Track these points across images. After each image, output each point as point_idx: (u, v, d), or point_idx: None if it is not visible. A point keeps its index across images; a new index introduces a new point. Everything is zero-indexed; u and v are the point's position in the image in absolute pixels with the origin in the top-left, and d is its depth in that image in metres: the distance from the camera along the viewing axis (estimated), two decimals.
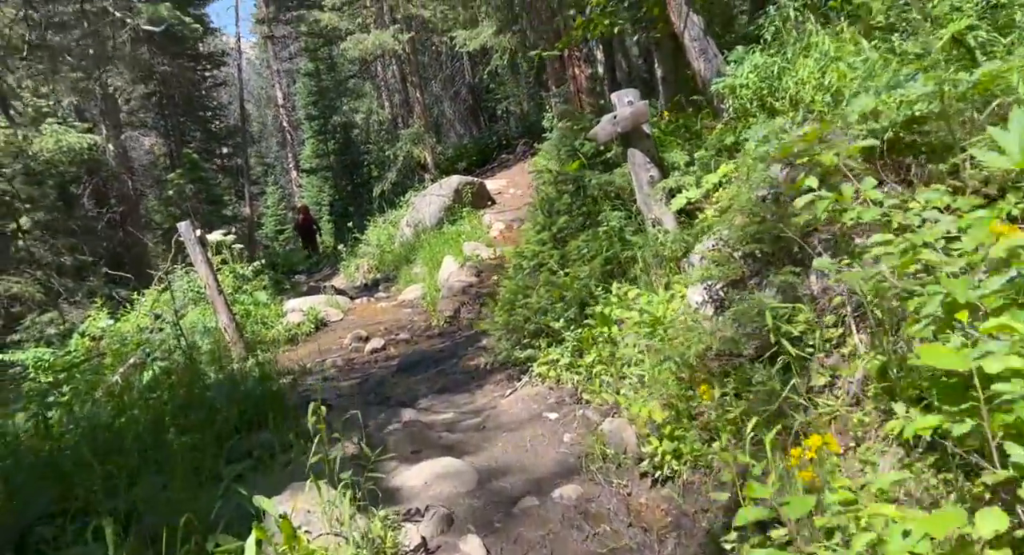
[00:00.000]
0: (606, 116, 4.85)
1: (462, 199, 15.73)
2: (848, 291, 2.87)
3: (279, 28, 24.85)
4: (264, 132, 48.17)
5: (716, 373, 2.94)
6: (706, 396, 2.63)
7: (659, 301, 3.67)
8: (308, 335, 9.69)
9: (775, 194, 3.24)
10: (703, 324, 3.34)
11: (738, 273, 3.22)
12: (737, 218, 3.23)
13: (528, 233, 5.41)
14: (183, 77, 17.74)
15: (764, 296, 3.10)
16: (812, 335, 2.84)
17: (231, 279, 9.79)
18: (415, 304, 11.48)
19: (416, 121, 19.70)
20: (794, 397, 2.74)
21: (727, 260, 3.31)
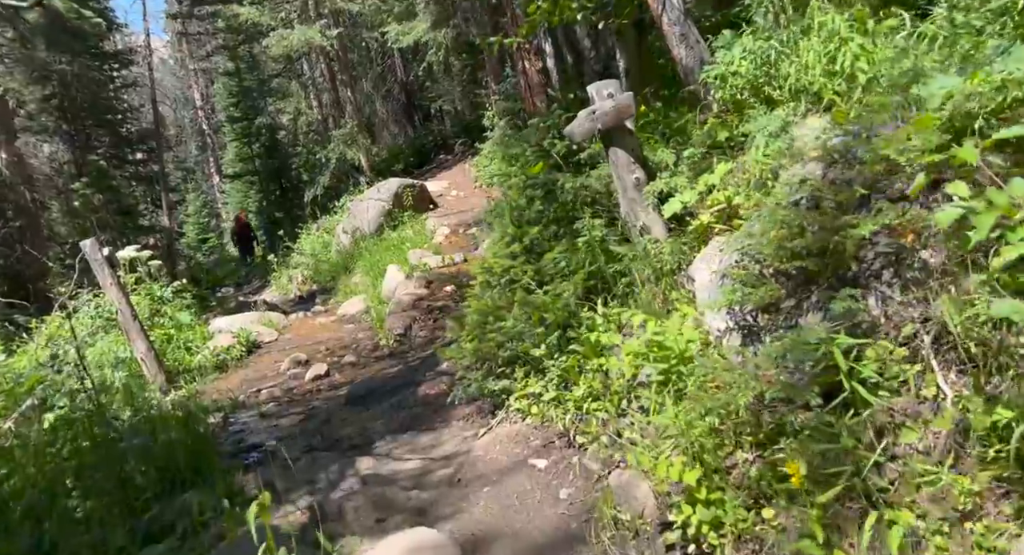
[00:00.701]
0: (583, 111, 4.23)
1: (402, 203, 14.91)
2: (921, 318, 2.34)
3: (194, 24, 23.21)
4: (182, 135, 45.58)
5: (767, 426, 2.37)
6: (795, 478, 2.04)
7: (674, 330, 3.07)
8: (239, 360, 8.72)
9: (814, 198, 2.69)
10: (732, 358, 2.76)
11: (775, 295, 2.65)
12: (767, 229, 2.66)
13: (496, 246, 4.75)
14: (86, 78, 16.14)
15: (811, 324, 2.54)
16: (884, 374, 2.29)
17: (147, 301, 8.69)
18: (358, 319, 10.63)
19: (348, 121, 18.68)
20: (869, 455, 2.19)
21: (757, 280, 2.74)
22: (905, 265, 2.40)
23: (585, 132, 4.26)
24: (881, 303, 2.43)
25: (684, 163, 4.19)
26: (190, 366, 8.41)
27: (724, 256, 3.03)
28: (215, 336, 9.59)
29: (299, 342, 9.46)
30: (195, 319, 10.29)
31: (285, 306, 13.91)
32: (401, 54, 24.08)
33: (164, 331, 8.77)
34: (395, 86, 25.25)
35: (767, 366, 2.55)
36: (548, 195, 5.10)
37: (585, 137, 4.32)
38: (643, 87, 6.23)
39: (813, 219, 2.55)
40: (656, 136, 4.94)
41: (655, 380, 3.01)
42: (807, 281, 2.67)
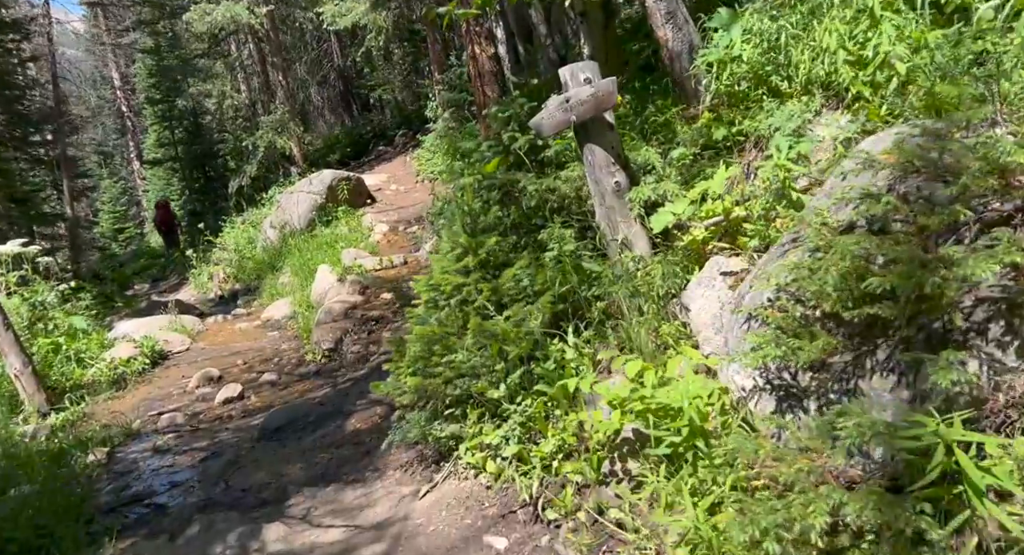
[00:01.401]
0: (554, 99, 3.48)
1: (337, 197, 13.84)
2: None
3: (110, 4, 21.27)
4: (100, 116, 42.44)
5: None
6: None
7: (680, 387, 2.34)
8: (141, 374, 7.58)
9: (879, 220, 2.01)
10: (765, 430, 2.06)
11: (829, 349, 1.96)
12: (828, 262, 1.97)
13: (444, 258, 3.94)
14: None
15: (879, 390, 1.86)
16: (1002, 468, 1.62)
17: (26, 308, 7.43)
18: (283, 325, 9.61)
19: (279, 107, 17.36)
20: None
21: (801, 326, 2.04)
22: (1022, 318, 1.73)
23: (556, 124, 3.50)
24: (988, 370, 1.76)
25: (673, 166, 3.49)
26: (80, 382, 7.23)
27: (751, 290, 2.32)
28: (115, 344, 8.39)
29: (214, 353, 8.38)
30: (93, 324, 9.03)
31: (203, 307, 12.66)
32: (338, 38, 22.77)
33: (51, 340, 7.53)
34: (331, 72, 23.89)
35: (818, 446, 1.86)
36: (506, 198, 4.32)
37: (555, 130, 3.57)
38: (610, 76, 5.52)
39: (889, 249, 1.86)
40: (632, 133, 4.22)
41: (658, 452, 2.27)
42: (871, 332, 1.98)
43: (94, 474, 4.73)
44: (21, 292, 7.77)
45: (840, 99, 3.12)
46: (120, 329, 9.53)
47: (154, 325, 9.66)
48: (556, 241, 3.64)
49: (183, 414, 6.04)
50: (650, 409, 2.34)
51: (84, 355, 7.68)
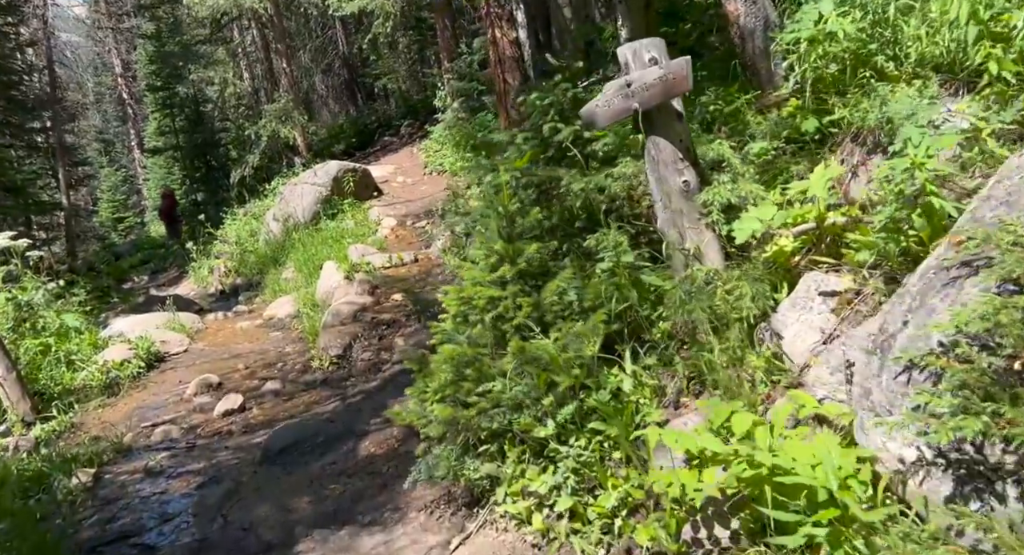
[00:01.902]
0: (612, 85, 2.94)
1: (343, 189, 13.30)
2: None
3: None
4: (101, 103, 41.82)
5: None
6: None
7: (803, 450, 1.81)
8: (135, 379, 7.08)
9: None
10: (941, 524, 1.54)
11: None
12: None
13: (475, 268, 3.41)
14: None
15: None
16: None
17: (12, 308, 6.91)
18: (287, 324, 9.11)
19: (283, 95, 16.80)
20: None
21: (994, 383, 1.52)
22: None
23: (614, 114, 2.97)
24: None
25: (751, 163, 2.96)
26: (70, 387, 6.73)
27: (905, 328, 1.79)
28: (109, 344, 7.89)
29: (213, 355, 7.88)
30: (86, 322, 8.53)
31: (203, 302, 12.18)
32: (344, 25, 22.16)
33: (40, 341, 7.03)
34: (336, 60, 23.28)
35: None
36: (543, 198, 3.80)
37: (612, 121, 3.04)
38: None
39: None
40: (691, 124, 3.69)
41: (786, 542, 1.75)
42: None
43: (78, 500, 4.24)
44: (7, 289, 7.26)
45: (964, 83, 2.59)
46: (115, 327, 9.03)
47: (151, 323, 9.16)
48: (610, 249, 3.11)
49: (179, 427, 5.54)
50: (765, 478, 1.82)
51: (75, 357, 7.18)
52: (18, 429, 5.76)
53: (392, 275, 8.77)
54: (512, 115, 7.01)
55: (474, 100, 14.85)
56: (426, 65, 25.77)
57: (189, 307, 11.72)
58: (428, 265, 9.02)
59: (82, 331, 7.98)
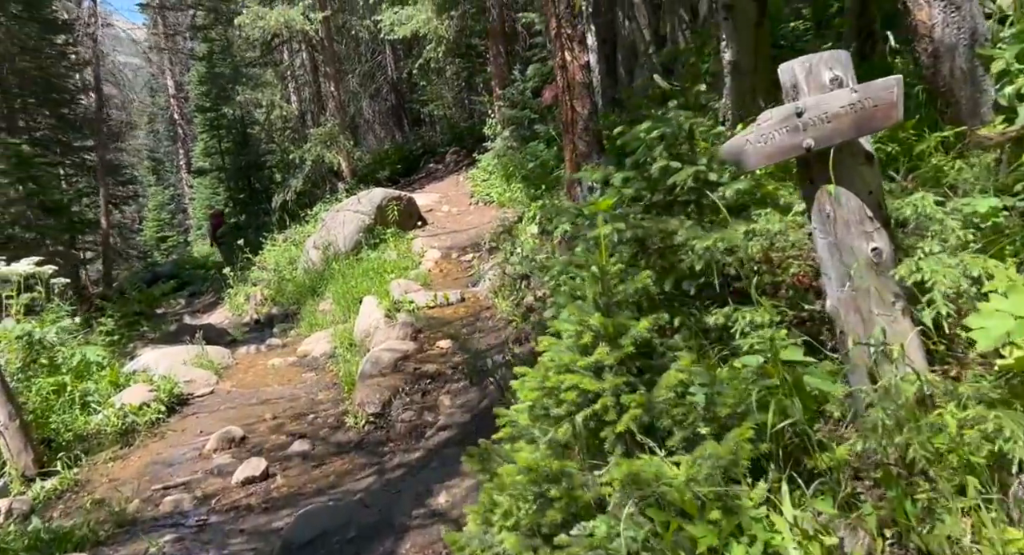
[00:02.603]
0: (774, 113, 2.15)
1: (386, 218, 12.72)
2: None
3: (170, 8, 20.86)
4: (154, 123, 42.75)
5: None
6: None
7: None
8: (154, 425, 6.43)
9: None
10: None
11: None
12: None
13: (560, 344, 2.61)
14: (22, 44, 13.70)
15: None
16: None
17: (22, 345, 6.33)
18: (321, 364, 8.43)
19: (329, 119, 16.45)
20: None
21: None
22: None
23: (774, 153, 2.16)
24: None
25: (972, 226, 2.11)
26: (84, 432, 6.10)
27: None
28: (131, 382, 7.28)
29: (240, 399, 7.21)
30: (109, 356, 7.98)
31: (236, 332, 11.64)
32: (393, 49, 21.94)
33: (54, 380, 6.44)
34: (384, 85, 23.05)
35: None
36: (644, 254, 3.00)
37: (769, 162, 2.23)
38: (767, 88, 4.19)
39: None
40: None
41: None
42: None
43: None
44: (26, 322, 6.72)
45: None
46: (141, 360, 8.47)
47: (178, 357, 8.57)
48: (760, 338, 2.27)
49: (192, 495, 4.82)
50: None
51: (92, 398, 6.57)
52: (16, 486, 5.11)
53: (437, 316, 8.02)
54: (579, 147, 6.24)
55: (526, 129, 14.23)
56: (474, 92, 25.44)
57: (221, 338, 11.19)
58: (476, 306, 8.26)
59: (104, 366, 7.41)
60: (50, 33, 15.34)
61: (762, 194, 2.83)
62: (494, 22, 14.13)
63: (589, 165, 6.40)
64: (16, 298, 7.32)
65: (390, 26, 14.44)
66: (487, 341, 6.63)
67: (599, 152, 6.37)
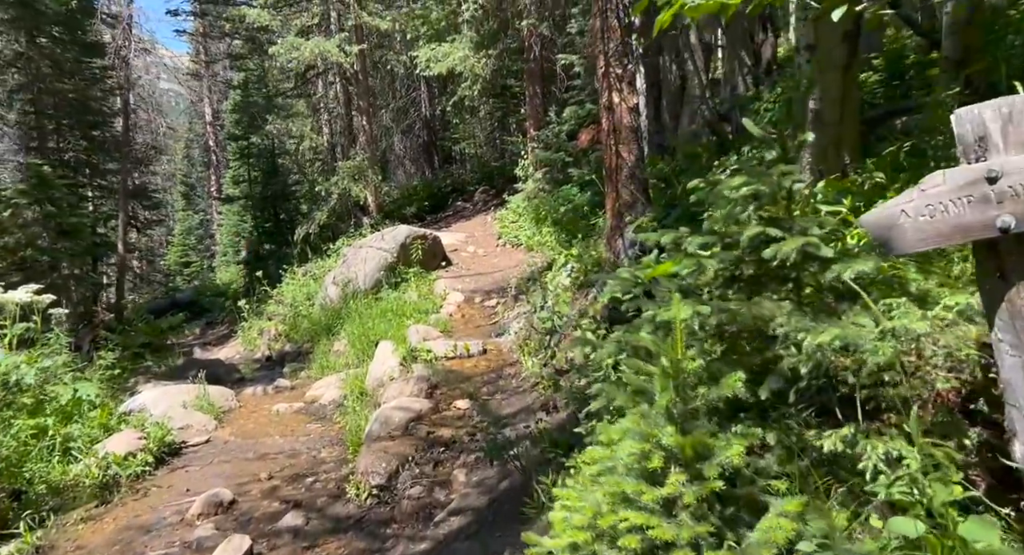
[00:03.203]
0: (950, 175, 1.52)
1: (409, 256, 12.22)
2: None
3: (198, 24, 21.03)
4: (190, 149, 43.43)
5: None
6: None
7: None
8: (139, 479, 5.82)
9: None
10: None
11: None
12: None
13: (613, 463, 1.97)
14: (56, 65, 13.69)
15: None
16: None
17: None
18: (327, 414, 7.82)
19: (359, 153, 16.17)
20: None
21: None
22: None
23: (947, 231, 1.53)
24: None
25: None
26: (59, 484, 5.51)
27: None
28: (122, 425, 6.72)
29: (237, 451, 6.59)
30: (105, 392, 7.46)
31: (247, 369, 11.10)
32: (428, 86, 21.85)
33: (35, 422, 5.89)
34: (417, 121, 22.92)
35: None
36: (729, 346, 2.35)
37: (937, 244, 1.59)
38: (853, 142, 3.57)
39: None
40: None
41: None
42: None
43: None
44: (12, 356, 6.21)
45: None
46: (139, 399, 7.94)
47: (178, 397, 8.03)
48: (906, 484, 1.60)
49: None
50: None
51: (75, 444, 6.00)
52: None
53: (456, 370, 7.39)
54: (623, 196, 5.65)
55: (559, 171, 13.78)
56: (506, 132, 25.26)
57: (229, 375, 10.66)
58: (499, 361, 7.61)
59: (96, 405, 6.87)
60: (88, 56, 15.37)
61: (885, 276, 2.20)
62: (532, 63, 13.81)
63: (633, 216, 5.81)
64: (10, 328, 6.84)
65: (426, 62, 14.21)
66: (510, 404, 5.96)
67: (645, 203, 5.78)
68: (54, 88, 15.27)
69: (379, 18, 14.02)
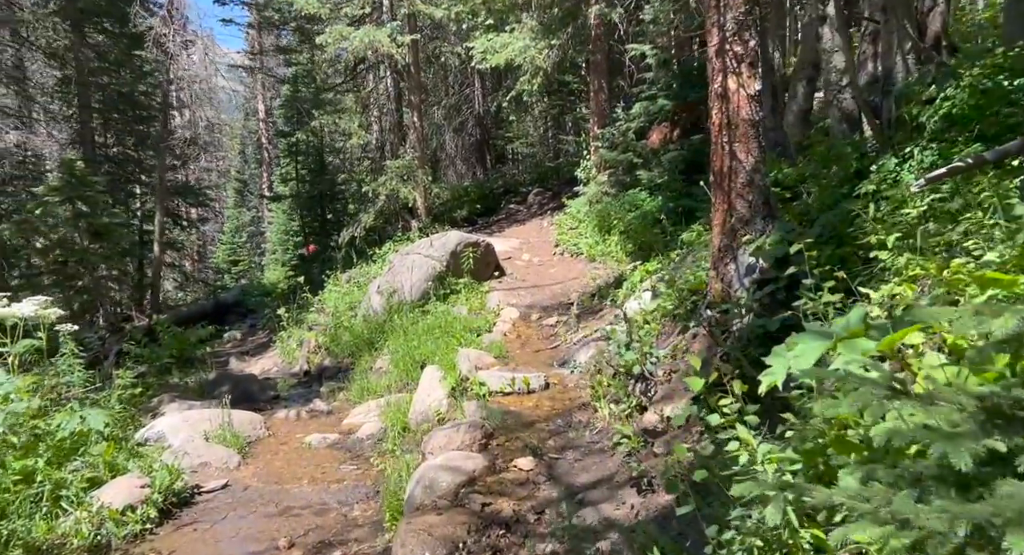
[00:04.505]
0: None
1: (460, 266, 11.16)
2: None
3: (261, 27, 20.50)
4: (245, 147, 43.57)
5: None
6: None
7: None
8: (137, 539, 4.86)
9: None
10: None
11: None
12: None
13: None
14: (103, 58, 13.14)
15: None
16: None
17: None
18: (364, 451, 6.80)
19: (409, 151, 15.21)
20: None
21: None
22: None
23: None
24: None
25: None
26: (40, 549, 4.58)
27: None
28: (132, 462, 5.80)
29: (257, 502, 5.57)
30: (118, 419, 6.58)
31: (283, 385, 10.22)
32: (482, 81, 20.79)
33: (21, 465, 4.99)
34: (470, 119, 21.89)
35: None
36: None
37: None
38: None
39: None
40: None
41: None
42: None
43: None
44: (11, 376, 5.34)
45: None
46: (157, 427, 7.06)
47: (201, 424, 7.12)
48: None
49: None
50: None
51: (67, 492, 5.07)
52: None
53: (514, 411, 6.23)
54: (738, 207, 4.39)
55: (626, 174, 12.50)
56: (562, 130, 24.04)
57: (263, 393, 9.78)
58: (564, 400, 6.42)
59: (105, 437, 5.97)
60: (136, 49, 14.82)
61: None
62: (598, 54, 12.56)
63: (751, 234, 4.54)
64: (12, 346, 6.01)
65: (482, 54, 13.11)
66: (586, 469, 4.77)
67: (767, 217, 4.51)
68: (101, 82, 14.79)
69: (433, 6, 13.01)
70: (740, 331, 4.23)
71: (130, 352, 9.05)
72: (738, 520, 2.56)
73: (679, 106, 11.59)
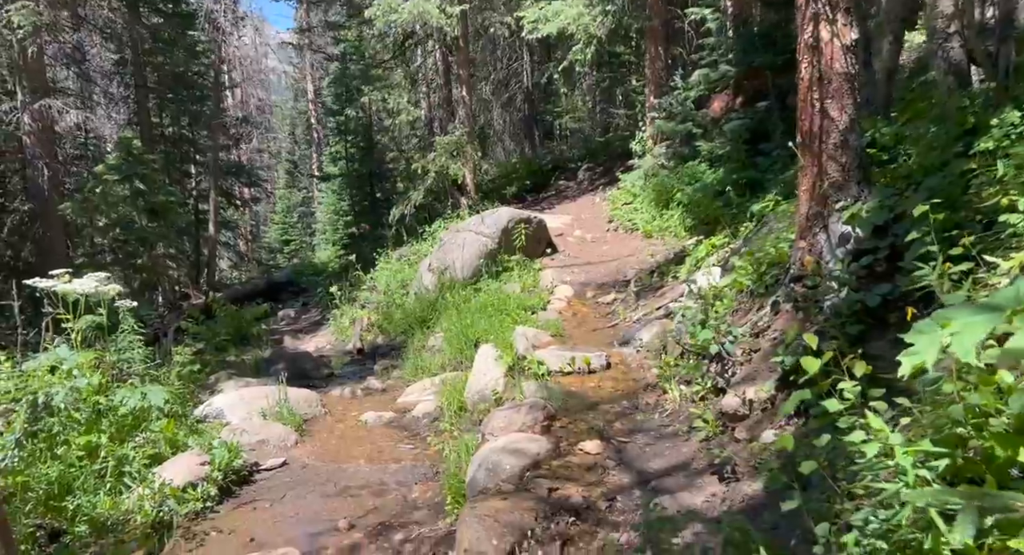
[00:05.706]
0: None
1: (512, 243, 10.91)
2: None
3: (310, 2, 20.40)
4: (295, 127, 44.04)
5: None
6: None
7: None
8: (198, 517, 4.81)
9: None
10: None
11: None
12: None
13: None
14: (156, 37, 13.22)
15: None
16: None
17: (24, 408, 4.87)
18: (421, 429, 6.68)
19: (458, 127, 14.96)
20: None
21: None
22: None
23: None
24: None
25: None
26: (105, 520, 4.56)
27: None
28: (192, 438, 5.78)
29: (315, 481, 5.48)
30: (178, 395, 6.57)
31: (337, 363, 10.21)
32: (531, 54, 20.31)
33: (87, 440, 4.99)
34: (519, 93, 21.47)
35: None
36: None
37: None
38: None
39: None
40: None
41: None
42: None
43: None
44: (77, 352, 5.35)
45: None
46: (215, 404, 7.07)
47: (258, 401, 7.09)
48: None
49: None
50: None
51: (130, 467, 5.06)
52: None
53: (576, 391, 5.97)
54: (829, 170, 4.01)
55: (684, 145, 11.97)
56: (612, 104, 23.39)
57: (318, 370, 9.78)
58: (628, 381, 6.13)
59: (166, 413, 5.96)
60: (190, 28, 14.88)
61: None
62: (655, 19, 11.99)
63: (845, 200, 4.13)
64: (74, 322, 6.04)
65: (533, 23, 12.69)
66: (658, 454, 4.48)
67: (862, 181, 4.08)
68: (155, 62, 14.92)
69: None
70: (833, 307, 3.85)
71: (188, 329, 9.16)
72: (860, 521, 2.26)
73: (743, 72, 10.98)
